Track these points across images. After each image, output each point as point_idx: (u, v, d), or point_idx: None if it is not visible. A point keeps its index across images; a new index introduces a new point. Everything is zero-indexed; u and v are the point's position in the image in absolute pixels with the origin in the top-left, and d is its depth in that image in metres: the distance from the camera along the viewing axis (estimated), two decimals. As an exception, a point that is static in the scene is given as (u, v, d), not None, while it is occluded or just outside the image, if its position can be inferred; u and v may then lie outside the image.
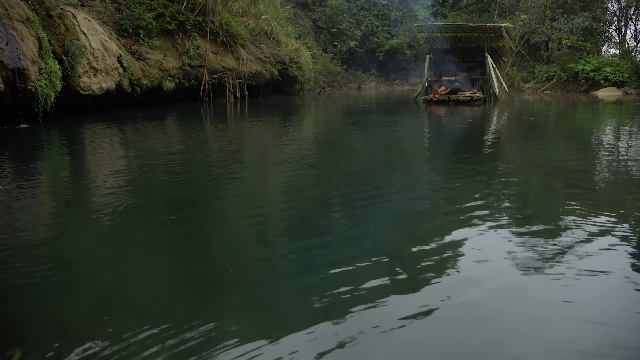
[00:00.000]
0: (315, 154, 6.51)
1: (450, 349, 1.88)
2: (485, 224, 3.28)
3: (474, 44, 16.08)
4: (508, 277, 2.50)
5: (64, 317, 2.13)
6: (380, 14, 28.02)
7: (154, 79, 12.45)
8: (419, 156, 6.47)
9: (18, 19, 8.38)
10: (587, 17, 20.80)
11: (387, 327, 2.02)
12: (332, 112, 14.21)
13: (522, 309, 2.17)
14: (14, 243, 3.04)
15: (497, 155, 6.50)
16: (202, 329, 1.99)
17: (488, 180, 4.79)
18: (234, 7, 16.05)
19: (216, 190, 4.45)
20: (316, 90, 22.73)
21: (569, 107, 14.36)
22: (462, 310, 2.16)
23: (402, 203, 4.01)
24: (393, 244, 3.06)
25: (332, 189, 4.48)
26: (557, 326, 2.03)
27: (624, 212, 3.63)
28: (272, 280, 2.52)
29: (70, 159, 6.28)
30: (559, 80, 21.42)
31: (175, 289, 2.44)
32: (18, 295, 2.35)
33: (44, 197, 4.26)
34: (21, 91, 8.26)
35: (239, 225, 3.51)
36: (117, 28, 12.23)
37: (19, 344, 1.92)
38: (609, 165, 5.55)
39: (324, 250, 2.93)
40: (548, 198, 4.17)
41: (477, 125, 10.23)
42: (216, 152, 6.66)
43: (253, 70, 15.81)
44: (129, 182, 4.71)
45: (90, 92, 10.13)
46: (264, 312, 2.18)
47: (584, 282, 2.43)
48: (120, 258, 2.80)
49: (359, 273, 2.53)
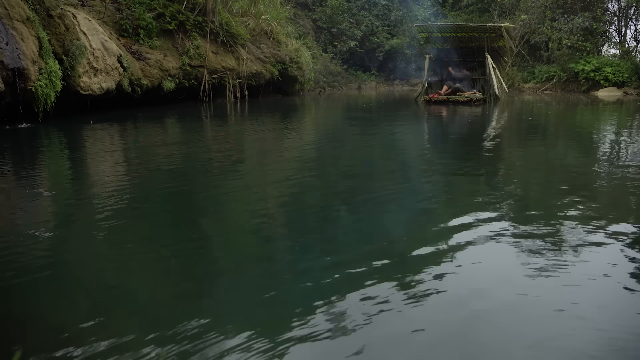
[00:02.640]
0: (315, 154, 6.51)
1: (450, 349, 1.88)
2: (485, 224, 3.28)
3: (474, 44, 16.07)
4: (508, 277, 2.50)
5: (64, 317, 2.12)
6: (380, 14, 28.00)
7: (154, 79, 12.45)
8: (419, 156, 6.47)
9: (18, 18, 8.37)
10: (587, 17, 20.80)
11: (388, 327, 2.01)
12: (332, 113, 14.21)
13: (523, 309, 2.17)
14: (14, 243, 3.04)
15: (497, 155, 6.50)
16: (202, 329, 1.99)
17: (488, 181, 4.79)
18: (234, 7, 16.05)
19: (216, 190, 4.44)
20: (316, 91, 22.73)
21: (569, 107, 14.36)
22: (462, 310, 2.16)
23: (403, 203, 4.01)
24: (393, 244, 3.06)
25: (332, 189, 4.48)
26: (557, 326, 2.03)
27: (625, 212, 3.63)
28: (273, 280, 2.52)
29: (70, 159, 6.28)
30: (559, 81, 21.42)
31: (175, 288, 2.44)
32: (18, 295, 2.35)
33: (43, 197, 4.25)
34: (21, 91, 8.26)
35: (240, 225, 3.51)
36: (117, 28, 12.23)
37: (19, 344, 1.92)
38: (609, 165, 5.55)
39: (324, 250, 2.93)
40: (548, 198, 4.17)
41: (477, 125, 10.23)
42: (216, 152, 6.65)
43: (253, 70, 15.81)
44: (129, 182, 4.71)
45: (91, 92, 10.13)
46: (264, 312, 2.18)
47: (585, 282, 2.43)
48: (121, 258, 2.80)
49: (359, 273, 2.53)
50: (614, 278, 2.48)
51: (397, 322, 2.06)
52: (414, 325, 2.04)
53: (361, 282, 2.41)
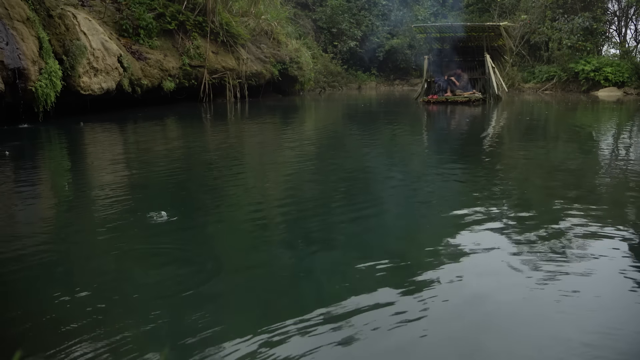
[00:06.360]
0: (315, 155, 6.51)
1: (450, 349, 1.88)
2: (485, 225, 3.28)
3: (474, 43, 16.07)
4: (509, 278, 2.50)
5: (64, 317, 2.12)
6: (380, 14, 28.01)
7: (154, 79, 12.45)
8: (419, 157, 6.47)
9: (18, 18, 8.38)
10: (587, 17, 20.80)
11: (387, 327, 2.02)
12: (332, 113, 14.21)
13: (523, 310, 2.17)
14: (14, 243, 3.04)
15: (497, 156, 6.49)
16: (202, 329, 1.99)
17: (488, 181, 4.79)
18: (234, 7, 16.05)
19: (217, 190, 4.45)
20: (316, 91, 22.73)
21: (569, 108, 14.36)
22: (462, 310, 2.16)
23: (403, 203, 4.01)
24: (393, 244, 3.06)
25: (332, 190, 4.48)
26: (557, 327, 2.03)
27: (625, 212, 3.63)
28: (272, 281, 2.52)
29: (70, 159, 6.28)
30: (559, 81, 21.42)
31: (175, 288, 2.44)
32: (18, 295, 2.35)
33: (44, 197, 4.26)
34: (21, 91, 8.26)
35: (239, 225, 3.51)
36: (118, 28, 12.23)
37: (19, 344, 1.92)
38: (609, 165, 5.55)
39: (324, 251, 2.93)
40: (549, 198, 4.16)
41: (477, 126, 10.23)
42: (217, 152, 6.66)
43: (253, 70, 15.81)
44: (129, 182, 4.71)
45: (91, 92, 10.13)
46: (264, 313, 2.18)
47: (584, 282, 2.43)
48: (121, 258, 2.80)
49: (359, 272, 2.53)
50: (614, 278, 2.48)
51: (398, 322, 2.06)
52: (414, 325, 2.04)
53: (361, 283, 2.41)
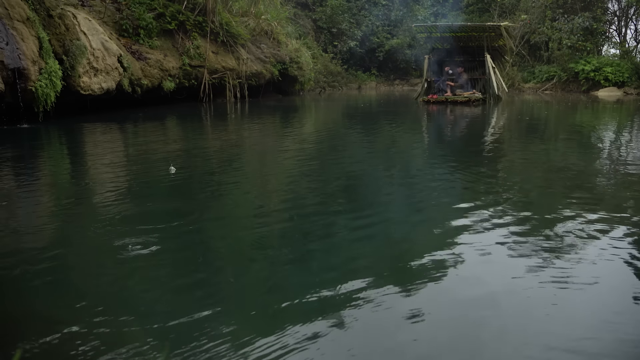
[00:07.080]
0: (315, 155, 6.50)
1: (450, 349, 1.88)
2: (485, 225, 3.28)
3: (474, 43, 16.06)
4: (509, 278, 2.50)
5: (64, 317, 2.12)
6: (380, 14, 28.02)
7: (154, 78, 12.45)
8: (419, 157, 6.47)
9: (18, 18, 8.38)
10: (587, 17, 20.81)
11: (388, 328, 2.02)
12: (332, 113, 14.21)
13: (524, 310, 2.17)
14: (14, 243, 3.04)
15: (497, 155, 6.49)
16: (202, 329, 1.99)
17: (488, 180, 4.79)
18: (234, 7, 16.05)
19: (217, 191, 4.45)
20: (316, 90, 22.73)
21: (569, 107, 14.36)
22: (462, 310, 2.16)
23: (403, 203, 4.01)
24: (393, 244, 3.06)
25: (332, 190, 4.48)
26: (558, 327, 2.03)
27: (625, 212, 3.63)
28: (272, 282, 2.52)
29: (70, 159, 6.28)
30: (559, 81, 21.43)
31: (175, 288, 2.44)
32: (18, 295, 2.35)
33: (43, 197, 4.26)
34: (21, 91, 8.26)
35: (240, 227, 3.51)
36: (118, 28, 12.24)
37: (19, 344, 1.92)
38: (609, 165, 5.55)
39: (324, 251, 2.93)
40: (549, 199, 4.17)
41: (477, 126, 10.23)
42: (217, 152, 6.66)
43: (253, 70, 15.81)
44: (129, 182, 4.71)
45: (91, 92, 10.14)
46: (264, 313, 2.18)
47: (586, 282, 2.43)
48: (121, 258, 2.80)
49: (360, 272, 2.53)
50: (616, 278, 2.48)
51: (398, 322, 2.06)
52: (415, 325, 2.04)
53: (361, 282, 2.41)
